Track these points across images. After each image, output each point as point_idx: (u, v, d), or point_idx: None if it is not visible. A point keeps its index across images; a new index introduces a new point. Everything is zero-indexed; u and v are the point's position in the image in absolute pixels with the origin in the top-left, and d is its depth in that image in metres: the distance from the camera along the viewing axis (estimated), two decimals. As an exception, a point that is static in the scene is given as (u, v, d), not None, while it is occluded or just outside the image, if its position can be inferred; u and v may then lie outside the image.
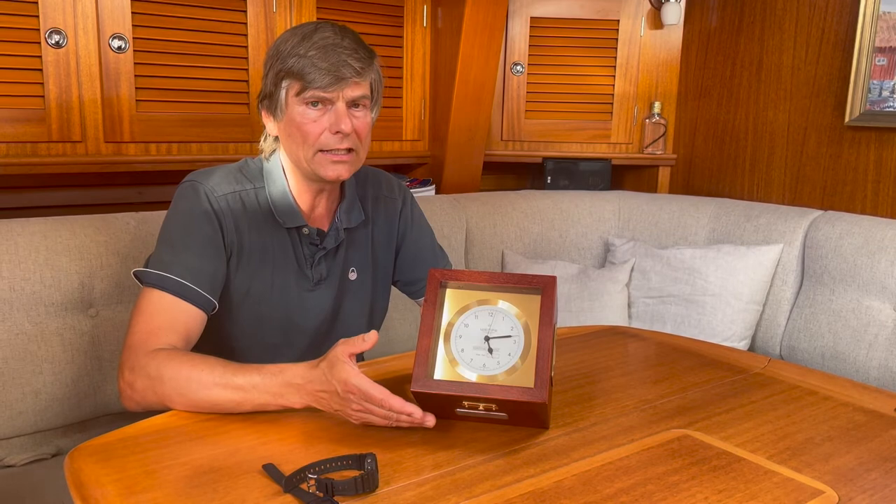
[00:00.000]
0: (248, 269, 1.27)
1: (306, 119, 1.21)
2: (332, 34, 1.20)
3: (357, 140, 1.24)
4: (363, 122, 1.24)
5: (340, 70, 1.18)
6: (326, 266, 1.33)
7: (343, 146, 1.22)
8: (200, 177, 1.26)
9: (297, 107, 1.21)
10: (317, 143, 1.22)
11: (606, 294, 2.20)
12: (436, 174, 2.55)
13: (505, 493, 0.86)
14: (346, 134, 1.21)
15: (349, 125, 1.20)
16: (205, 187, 1.24)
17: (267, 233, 1.28)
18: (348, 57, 1.19)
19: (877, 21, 2.13)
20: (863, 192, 2.24)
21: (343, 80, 1.19)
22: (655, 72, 2.72)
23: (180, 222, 1.23)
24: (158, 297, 1.17)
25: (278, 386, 1.02)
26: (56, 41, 1.82)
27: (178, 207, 1.24)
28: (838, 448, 1.01)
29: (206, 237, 1.22)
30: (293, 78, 1.20)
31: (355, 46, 1.21)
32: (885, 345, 1.85)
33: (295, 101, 1.21)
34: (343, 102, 1.21)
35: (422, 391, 0.99)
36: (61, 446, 1.57)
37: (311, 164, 1.23)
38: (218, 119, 2.09)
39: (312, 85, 1.18)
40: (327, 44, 1.19)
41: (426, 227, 1.50)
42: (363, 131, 1.24)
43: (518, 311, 1.03)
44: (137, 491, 0.84)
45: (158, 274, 1.18)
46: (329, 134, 1.21)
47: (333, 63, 1.18)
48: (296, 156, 1.25)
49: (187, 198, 1.24)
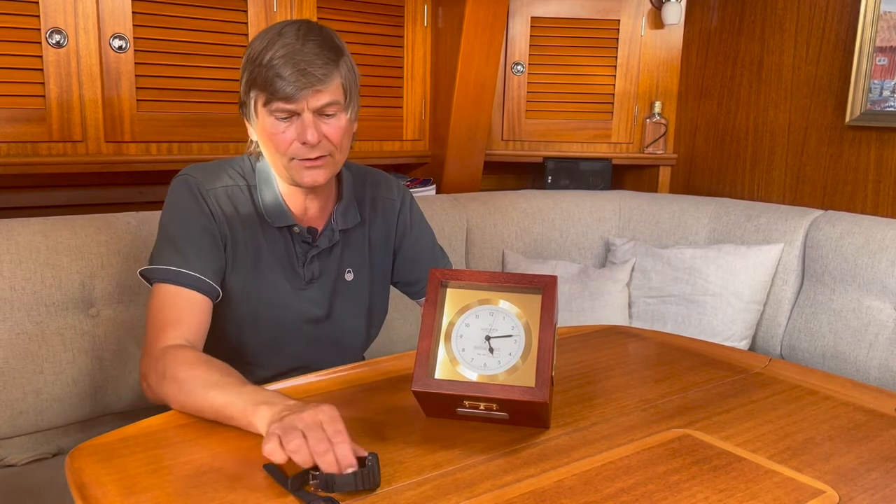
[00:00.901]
0: (241, 264, 1.28)
1: (275, 130, 1.19)
2: (293, 38, 1.16)
3: (330, 145, 1.21)
4: (334, 128, 1.21)
5: (301, 79, 1.15)
6: (320, 265, 1.33)
7: (313, 155, 1.20)
8: (192, 171, 1.27)
9: (266, 118, 1.19)
10: (287, 152, 1.21)
11: (607, 294, 2.20)
12: (436, 174, 2.55)
13: (505, 493, 0.86)
14: (312, 144, 1.19)
15: (315, 136, 1.17)
16: (197, 181, 1.25)
17: (258, 229, 1.29)
18: (308, 65, 1.15)
19: (877, 21, 2.13)
20: (863, 191, 2.24)
21: (305, 90, 1.16)
22: (656, 71, 2.72)
23: (176, 216, 1.24)
24: (164, 290, 1.19)
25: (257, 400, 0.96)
26: (57, 41, 1.82)
27: (172, 202, 1.26)
28: (839, 448, 1.01)
29: (202, 227, 1.23)
30: (258, 89, 1.18)
31: (318, 50, 1.16)
32: (885, 344, 1.85)
33: (263, 112, 1.19)
34: (309, 112, 1.18)
35: (422, 391, 0.99)
36: (62, 446, 1.57)
37: (287, 171, 1.23)
38: (218, 119, 2.09)
39: (276, 97, 1.16)
40: (288, 51, 1.15)
41: (426, 227, 1.49)
42: (335, 136, 1.21)
43: (519, 310, 1.03)
44: (138, 490, 0.85)
45: (161, 269, 1.20)
46: (298, 144, 1.19)
47: (294, 71, 1.14)
48: (273, 162, 1.25)
49: (180, 192, 1.25)
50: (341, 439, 0.85)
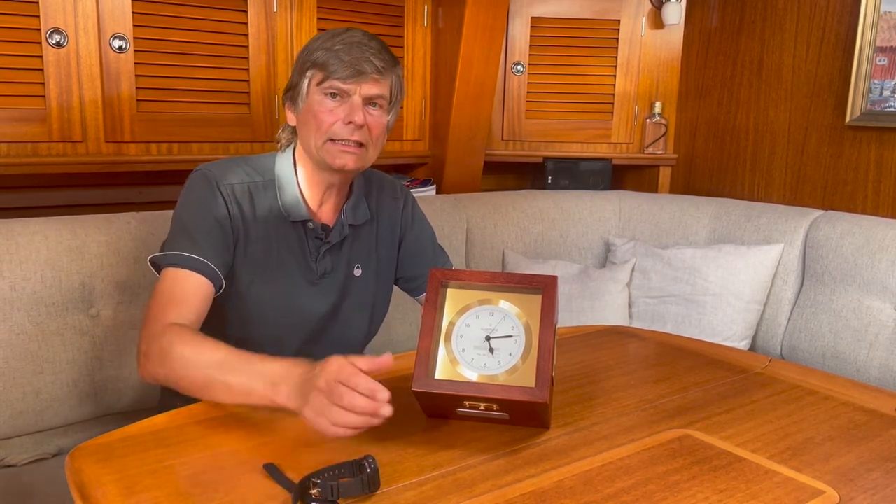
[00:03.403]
0: (254, 258, 1.30)
1: (323, 108, 1.25)
2: (360, 35, 1.26)
3: (368, 136, 1.27)
4: (377, 121, 1.28)
5: (362, 65, 1.23)
6: (332, 260, 1.36)
7: (353, 138, 1.25)
8: (211, 167, 1.31)
9: (316, 96, 1.26)
10: (329, 131, 1.25)
11: (607, 294, 2.20)
12: (436, 174, 2.55)
13: (506, 493, 0.86)
14: (357, 125, 1.24)
15: (362, 118, 1.24)
16: (214, 176, 1.28)
17: (273, 224, 1.31)
18: (371, 55, 1.24)
19: (878, 21, 2.13)
20: (863, 191, 2.24)
21: (362, 75, 1.23)
22: (656, 71, 2.72)
23: (190, 208, 1.27)
24: (172, 273, 1.21)
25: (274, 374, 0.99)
26: (57, 41, 1.82)
27: (188, 195, 1.29)
28: (839, 448, 1.01)
29: (215, 220, 1.26)
30: (316, 68, 1.25)
31: (381, 48, 1.26)
32: (885, 345, 1.85)
33: (315, 91, 1.26)
34: (360, 97, 1.25)
35: (422, 391, 0.99)
36: (62, 446, 1.57)
37: (320, 152, 1.27)
38: (218, 119, 2.09)
39: (333, 75, 1.23)
40: (354, 41, 1.24)
41: (427, 225, 1.52)
42: (376, 129, 1.28)
43: (519, 310, 1.03)
44: (138, 490, 0.85)
45: (171, 254, 1.23)
46: (342, 124, 1.25)
47: (356, 58, 1.23)
48: (308, 144, 1.29)
49: (197, 186, 1.28)
50: (357, 382, 0.89)
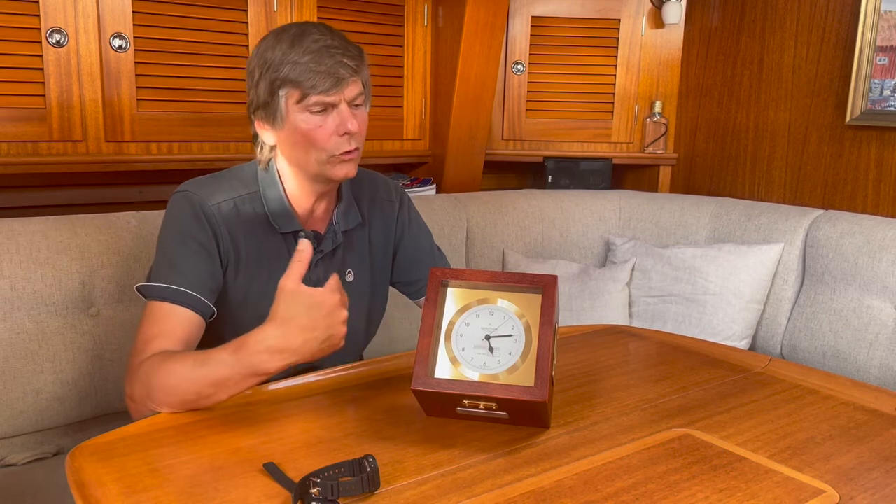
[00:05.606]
0: (246, 274, 1.27)
1: (312, 125, 1.20)
2: (320, 35, 1.19)
3: (360, 137, 1.25)
4: (363, 118, 1.26)
5: (338, 71, 1.18)
6: (324, 269, 1.33)
7: (351, 147, 1.23)
8: (192, 186, 1.25)
9: (300, 114, 1.20)
10: (328, 147, 1.21)
11: (607, 293, 2.20)
12: (436, 173, 2.55)
13: (506, 493, 0.86)
14: (353, 134, 1.22)
15: (355, 124, 1.21)
16: (198, 197, 1.23)
17: (263, 237, 1.28)
18: (342, 57, 1.19)
19: (878, 20, 2.13)
20: (864, 191, 2.24)
21: (342, 81, 1.19)
22: (656, 71, 2.72)
23: (174, 233, 1.23)
24: (158, 307, 1.17)
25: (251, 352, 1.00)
26: (57, 40, 1.82)
27: (170, 218, 1.24)
28: (839, 447, 1.01)
29: (200, 245, 1.22)
30: (291, 86, 1.18)
31: (345, 45, 1.21)
32: (885, 344, 1.85)
33: (296, 109, 1.20)
34: (345, 103, 1.21)
35: (422, 390, 0.99)
36: (62, 445, 1.57)
37: (322, 167, 1.23)
38: (219, 118, 2.09)
39: (314, 91, 1.18)
40: (319, 46, 1.18)
41: (424, 227, 1.50)
42: (364, 127, 1.26)
43: (519, 310, 1.03)
44: (139, 490, 0.85)
45: (157, 286, 1.18)
46: (336, 137, 1.21)
47: (329, 66, 1.17)
48: (302, 161, 1.24)
49: (180, 207, 1.23)
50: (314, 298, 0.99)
